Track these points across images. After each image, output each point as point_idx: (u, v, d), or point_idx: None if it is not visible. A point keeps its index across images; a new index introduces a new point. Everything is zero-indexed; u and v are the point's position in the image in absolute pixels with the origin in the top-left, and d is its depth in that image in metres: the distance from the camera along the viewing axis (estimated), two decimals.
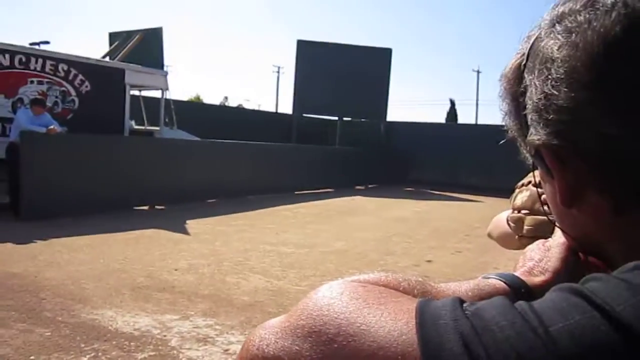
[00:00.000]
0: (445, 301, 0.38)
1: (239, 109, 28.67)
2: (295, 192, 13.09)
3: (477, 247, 7.25)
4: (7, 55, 8.47)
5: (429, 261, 6.52)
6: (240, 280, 5.17)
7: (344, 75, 17.83)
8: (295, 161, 13.56)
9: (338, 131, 18.92)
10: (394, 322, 0.37)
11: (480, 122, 37.66)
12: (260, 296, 4.68)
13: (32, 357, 3.19)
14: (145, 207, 9.61)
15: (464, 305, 0.38)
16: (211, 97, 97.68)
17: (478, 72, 46.45)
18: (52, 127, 8.20)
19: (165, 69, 11.96)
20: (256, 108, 40.20)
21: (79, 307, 4.12)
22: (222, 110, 22.56)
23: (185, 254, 6.20)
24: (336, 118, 19.40)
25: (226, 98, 48.91)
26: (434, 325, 0.36)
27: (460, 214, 11.39)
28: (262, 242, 7.08)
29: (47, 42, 11.10)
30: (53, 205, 7.91)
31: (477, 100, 46.77)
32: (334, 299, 0.40)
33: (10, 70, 8.52)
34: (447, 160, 17.12)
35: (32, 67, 8.84)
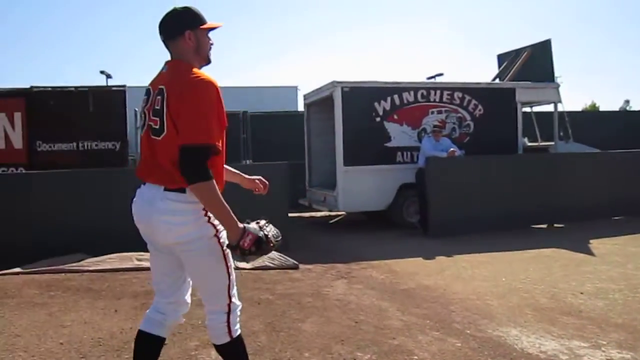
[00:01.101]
0: None
1: None
2: None
3: None
4: (411, 92, 9.69)
5: None
6: None
7: None
8: None
9: None
10: None
11: None
12: None
13: None
14: (543, 226, 9.38)
15: None
16: (609, 103, 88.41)
17: None
18: (451, 150, 8.97)
19: (556, 80, 11.45)
20: None
21: (485, 322, 4.29)
22: (624, 116, 20.24)
23: (590, 276, 5.75)
24: None
25: (627, 102, 43.43)
26: None
27: None
28: None
29: (441, 74, 12.17)
30: (455, 223, 8.56)
31: None
32: None
33: (414, 105, 9.71)
34: None
35: (431, 99, 9.84)
